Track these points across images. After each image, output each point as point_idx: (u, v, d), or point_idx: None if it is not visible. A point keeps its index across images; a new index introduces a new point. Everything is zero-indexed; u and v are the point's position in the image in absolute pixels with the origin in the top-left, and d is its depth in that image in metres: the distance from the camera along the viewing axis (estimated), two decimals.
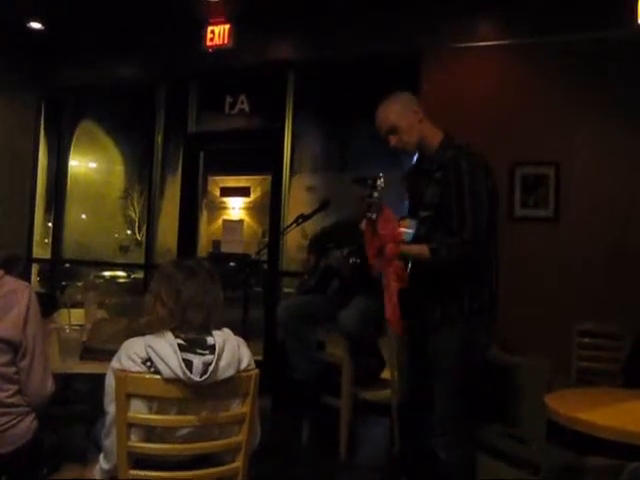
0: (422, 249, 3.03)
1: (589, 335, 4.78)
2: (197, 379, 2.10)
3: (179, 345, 2.14)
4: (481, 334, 3.16)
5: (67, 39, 7.34)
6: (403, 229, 3.10)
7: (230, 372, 2.18)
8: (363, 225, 3.22)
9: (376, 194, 3.06)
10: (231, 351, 2.21)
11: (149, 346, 2.14)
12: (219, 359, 2.15)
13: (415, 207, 3.23)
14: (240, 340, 2.30)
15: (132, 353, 2.16)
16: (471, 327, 3.12)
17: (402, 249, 3.07)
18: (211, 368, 2.12)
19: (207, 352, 2.15)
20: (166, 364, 2.10)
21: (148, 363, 2.13)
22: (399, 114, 3.16)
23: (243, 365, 2.25)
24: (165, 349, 2.13)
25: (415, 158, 3.33)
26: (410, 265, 3.10)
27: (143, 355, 2.14)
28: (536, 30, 5.36)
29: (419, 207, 3.17)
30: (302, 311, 4.86)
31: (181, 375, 2.09)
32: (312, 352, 4.92)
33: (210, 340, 2.20)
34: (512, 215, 5.39)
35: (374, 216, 3.08)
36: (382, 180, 3.07)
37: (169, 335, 2.17)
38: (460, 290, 3.10)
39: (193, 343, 2.17)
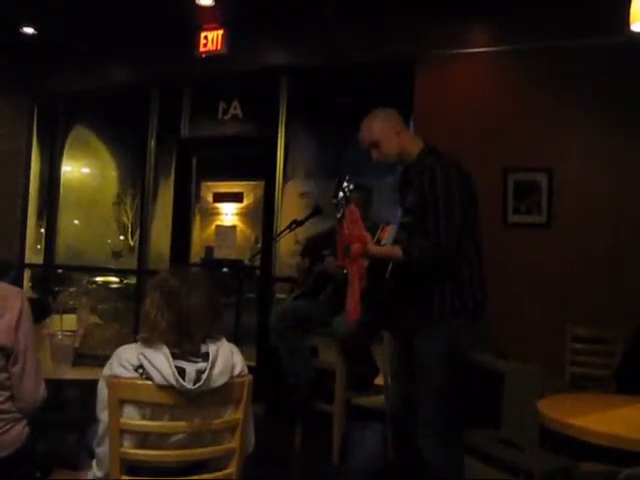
0: (393, 250, 3.15)
1: (582, 340, 4.78)
2: (190, 387, 2.09)
3: (172, 353, 2.12)
4: (464, 334, 3.23)
5: (60, 44, 7.32)
6: (383, 237, 3.25)
7: (223, 379, 2.17)
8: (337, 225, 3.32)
9: (341, 194, 3.17)
10: (224, 358, 2.19)
11: (141, 353, 2.13)
12: (212, 367, 2.14)
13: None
14: (233, 347, 2.29)
15: (124, 360, 2.14)
16: (454, 328, 3.20)
17: (370, 250, 3.14)
18: (204, 376, 2.11)
19: (200, 360, 2.14)
20: (159, 372, 2.09)
21: (140, 370, 2.12)
22: (380, 130, 3.33)
23: (236, 372, 2.24)
24: (158, 357, 2.11)
25: (402, 168, 3.46)
26: (390, 267, 3.17)
27: (135, 362, 2.13)
28: (528, 36, 5.37)
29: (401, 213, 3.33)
30: (295, 317, 4.85)
31: (174, 383, 2.08)
32: (305, 358, 4.91)
33: (204, 348, 2.19)
34: (505, 221, 5.40)
35: (339, 215, 3.19)
36: (348, 181, 3.18)
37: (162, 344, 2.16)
38: (441, 291, 3.19)
39: (186, 351, 2.16)
